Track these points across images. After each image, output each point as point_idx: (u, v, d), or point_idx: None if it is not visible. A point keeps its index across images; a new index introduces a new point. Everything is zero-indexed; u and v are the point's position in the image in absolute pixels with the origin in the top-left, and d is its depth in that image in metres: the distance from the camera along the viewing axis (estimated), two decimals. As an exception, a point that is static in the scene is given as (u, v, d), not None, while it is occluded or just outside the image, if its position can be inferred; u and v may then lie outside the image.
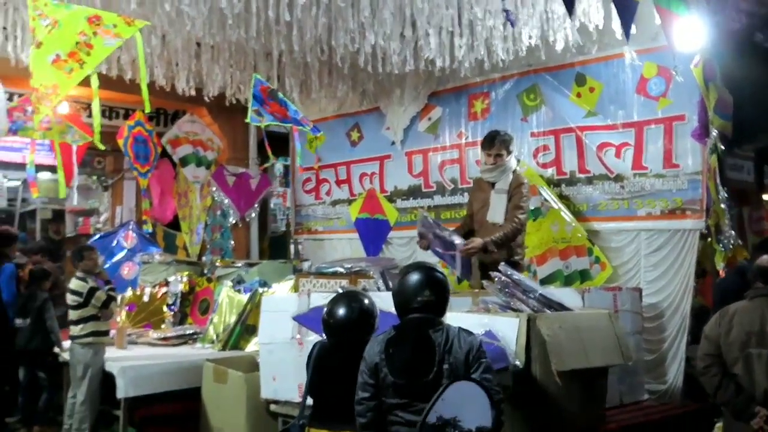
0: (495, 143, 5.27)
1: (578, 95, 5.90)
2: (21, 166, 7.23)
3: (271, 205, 10.65)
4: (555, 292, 4.47)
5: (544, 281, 5.79)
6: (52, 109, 3.32)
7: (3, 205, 10.36)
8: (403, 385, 3.13)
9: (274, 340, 4.94)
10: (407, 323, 3.25)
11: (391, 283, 5.09)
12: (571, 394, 3.85)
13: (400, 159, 7.37)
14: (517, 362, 3.69)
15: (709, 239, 5.16)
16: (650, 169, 5.50)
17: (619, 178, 5.68)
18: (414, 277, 3.25)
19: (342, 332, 3.55)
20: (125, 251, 8.56)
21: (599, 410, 4.19)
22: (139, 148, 7.79)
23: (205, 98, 6.80)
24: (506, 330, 3.81)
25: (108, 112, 8.79)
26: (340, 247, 7.98)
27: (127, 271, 8.42)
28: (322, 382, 3.57)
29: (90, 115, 8.52)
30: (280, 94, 5.24)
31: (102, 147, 4.48)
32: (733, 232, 5.16)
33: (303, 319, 4.62)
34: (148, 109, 3.72)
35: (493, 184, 5.30)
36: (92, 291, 5.55)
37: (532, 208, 5.89)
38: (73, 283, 5.63)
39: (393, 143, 7.42)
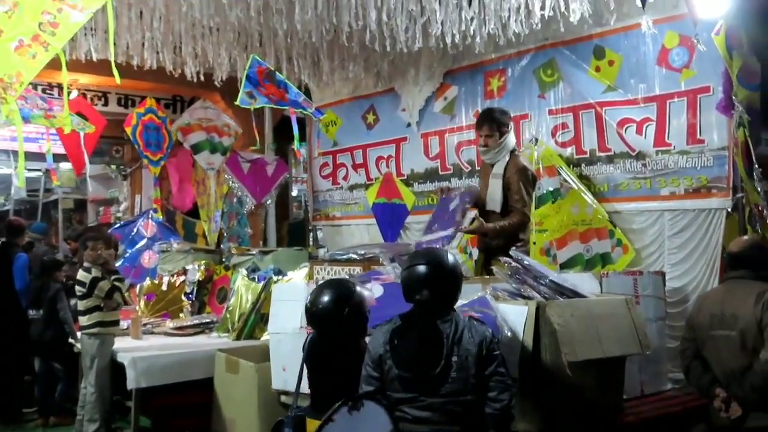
0: (485, 124, 5.03)
1: (597, 69, 5.63)
2: (39, 156, 7.20)
3: (294, 192, 10.54)
4: (569, 277, 4.24)
5: (565, 265, 5.57)
6: (16, 99, 3.18)
7: (23, 196, 10.47)
8: (409, 379, 2.99)
9: (284, 329, 4.80)
10: (413, 313, 3.10)
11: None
12: (584, 385, 3.64)
13: (416, 141, 7.18)
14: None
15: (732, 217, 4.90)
16: (674, 145, 5.23)
17: (641, 156, 5.42)
18: (414, 272, 3.11)
19: (321, 323, 3.40)
20: (145, 240, 8.57)
21: (616, 401, 3.97)
22: (150, 136, 7.75)
23: (216, 83, 6.69)
24: (514, 318, 3.60)
25: (124, 100, 8.79)
26: (358, 233, 7.83)
27: (147, 259, 8.41)
28: (313, 373, 3.48)
29: (105, 104, 8.68)
30: (279, 75, 5.06)
31: (68, 130, 4.35)
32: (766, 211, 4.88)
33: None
34: (118, 81, 3.54)
35: (492, 166, 5.07)
36: (95, 281, 5.47)
37: (551, 189, 5.69)
38: (79, 274, 5.58)
39: (409, 125, 7.23)
